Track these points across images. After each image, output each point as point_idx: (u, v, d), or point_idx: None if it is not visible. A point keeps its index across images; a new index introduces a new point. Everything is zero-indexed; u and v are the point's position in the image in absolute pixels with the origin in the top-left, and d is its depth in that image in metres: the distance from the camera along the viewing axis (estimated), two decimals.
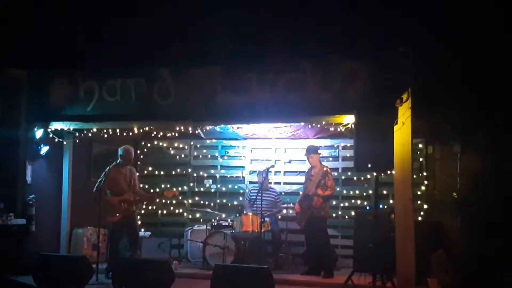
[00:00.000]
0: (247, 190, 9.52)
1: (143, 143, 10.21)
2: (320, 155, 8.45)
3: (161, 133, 9.51)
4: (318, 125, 8.48)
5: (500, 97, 6.72)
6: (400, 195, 7.09)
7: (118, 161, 7.88)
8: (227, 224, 8.75)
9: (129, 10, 8.44)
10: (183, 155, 10.16)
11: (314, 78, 7.49)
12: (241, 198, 9.73)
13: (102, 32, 8.40)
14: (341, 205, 9.26)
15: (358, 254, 8.34)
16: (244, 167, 9.92)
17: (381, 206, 8.35)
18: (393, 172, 7.09)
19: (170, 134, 9.53)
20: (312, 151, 8.24)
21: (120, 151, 7.91)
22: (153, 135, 9.56)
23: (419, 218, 8.19)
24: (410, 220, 6.95)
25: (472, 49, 6.92)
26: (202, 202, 9.89)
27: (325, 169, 8.12)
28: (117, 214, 7.65)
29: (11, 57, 8.35)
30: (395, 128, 6.79)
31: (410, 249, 6.84)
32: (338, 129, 8.31)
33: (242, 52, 7.76)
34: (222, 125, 8.95)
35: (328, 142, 9.42)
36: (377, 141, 6.43)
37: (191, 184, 10.02)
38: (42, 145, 8.59)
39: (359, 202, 9.21)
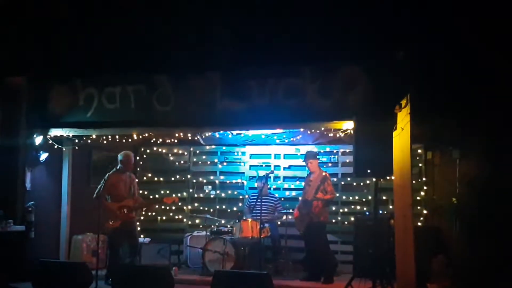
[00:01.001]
0: (246, 196, 9.53)
1: (142, 150, 10.22)
2: (319, 161, 8.47)
3: (161, 140, 9.54)
4: (317, 131, 8.50)
5: (499, 103, 6.74)
6: (399, 201, 7.10)
7: (118, 167, 7.88)
8: (226, 230, 8.74)
9: (128, 18, 8.46)
10: (182, 161, 10.17)
11: (313, 84, 7.51)
12: (240, 204, 9.74)
13: (101, 39, 8.42)
14: (341, 210, 9.26)
15: (358, 259, 8.37)
16: (243, 173, 9.93)
17: (380, 211, 8.37)
18: (393, 177, 7.10)
19: (169, 140, 9.55)
20: (310, 156, 8.25)
21: (120, 157, 7.91)
22: (152, 141, 9.59)
23: (419, 224, 8.21)
24: (409, 225, 6.95)
25: (471, 54, 6.95)
26: (201, 208, 9.90)
27: (323, 174, 8.12)
28: (117, 220, 7.65)
29: (11, 65, 8.37)
30: (394, 134, 6.80)
31: (410, 254, 6.84)
32: (337, 135, 8.33)
33: (241, 59, 7.78)
34: (222, 131, 8.98)
35: (327, 148, 9.44)
36: (377, 146, 6.44)
37: (191, 190, 10.03)
38: (41, 152, 8.60)
39: (358, 207, 9.22)
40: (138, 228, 8.99)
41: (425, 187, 8.56)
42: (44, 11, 8.66)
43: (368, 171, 6.60)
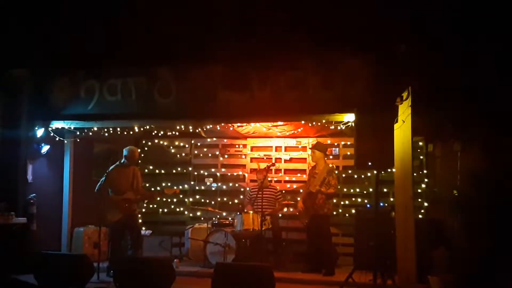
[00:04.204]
0: (247, 188, 9.54)
1: (143, 142, 10.23)
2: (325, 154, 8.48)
3: (162, 132, 9.54)
4: (319, 124, 8.50)
5: (501, 95, 6.72)
6: (400, 193, 7.11)
7: (122, 161, 7.87)
8: (227, 222, 8.76)
9: (129, 9, 8.44)
10: (183, 154, 10.18)
11: (315, 76, 7.50)
12: (241, 196, 9.75)
13: (103, 31, 8.40)
14: (342, 203, 9.28)
15: (359, 252, 8.37)
16: (244, 165, 9.94)
17: (381, 204, 8.38)
18: (394, 170, 7.10)
19: (170, 133, 9.55)
20: (317, 147, 8.28)
21: (125, 152, 7.89)
22: (153, 133, 9.58)
23: (420, 216, 8.21)
24: (410, 218, 6.97)
25: (472, 46, 6.92)
26: (202, 200, 9.92)
27: (330, 166, 8.14)
28: (119, 213, 7.66)
29: (13, 57, 8.35)
30: (396, 126, 6.80)
31: (411, 247, 6.86)
32: (339, 128, 8.32)
33: (243, 51, 7.76)
34: (223, 124, 8.97)
35: (328, 140, 9.43)
36: (378, 139, 6.43)
37: (192, 183, 10.04)
38: (43, 144, 8.63)
39: (359, 200, 9.24)
40: (140, 221, 9.01)
41: (426, 180, 8.55)
42: (46, 3, 8.65)
43: (369, 163, 6.60)
